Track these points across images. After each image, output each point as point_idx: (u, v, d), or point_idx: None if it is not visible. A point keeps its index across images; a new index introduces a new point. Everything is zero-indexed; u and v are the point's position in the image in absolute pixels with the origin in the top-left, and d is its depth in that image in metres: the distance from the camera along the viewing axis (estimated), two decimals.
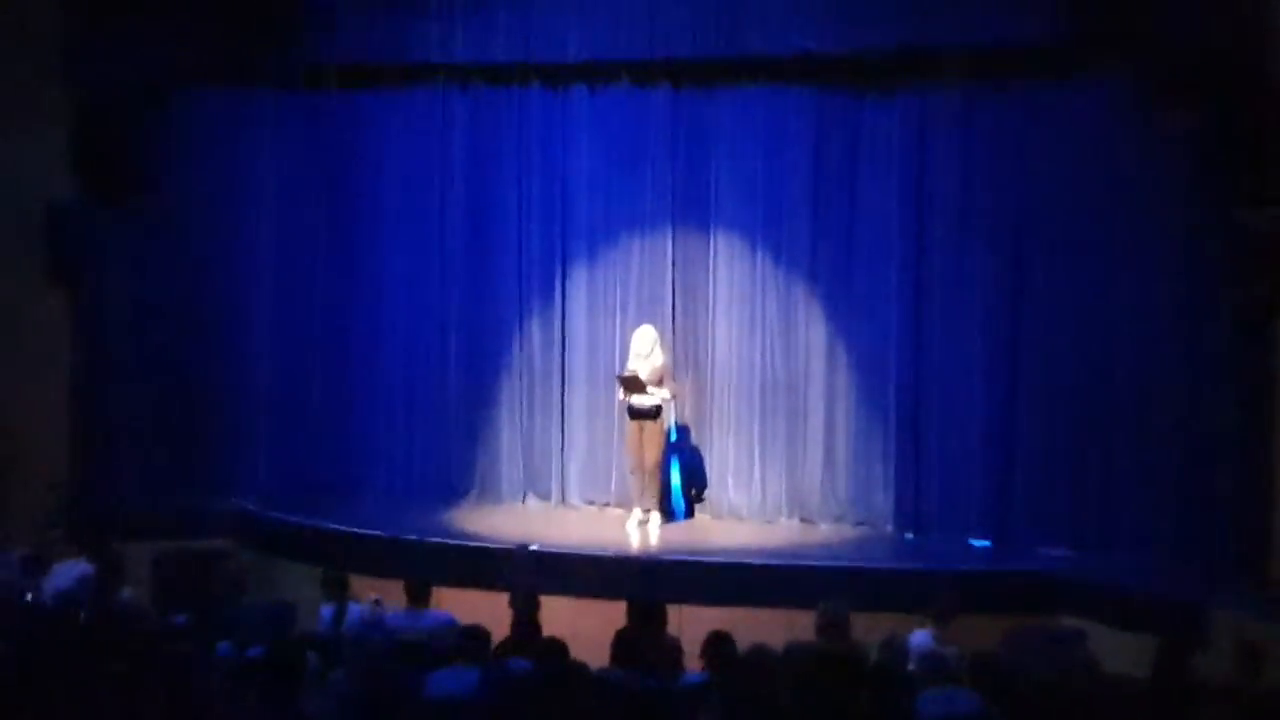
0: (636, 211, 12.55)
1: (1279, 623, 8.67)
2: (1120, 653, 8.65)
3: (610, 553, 10.95)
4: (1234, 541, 9.53)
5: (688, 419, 12.35)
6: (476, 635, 6.99)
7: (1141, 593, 9.69)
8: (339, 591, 8.53)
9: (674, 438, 12.07)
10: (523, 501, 12.77)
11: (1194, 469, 9.92)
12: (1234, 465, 9.58)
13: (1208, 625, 8.88)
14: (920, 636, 7.99)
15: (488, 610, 8.33)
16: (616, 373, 11.95)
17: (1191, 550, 9.80)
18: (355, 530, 11.37)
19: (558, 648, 6.49)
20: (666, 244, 12.48)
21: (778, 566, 10.69)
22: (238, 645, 6.93)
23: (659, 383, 11.67)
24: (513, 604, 8.22)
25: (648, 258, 12.54)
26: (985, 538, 11.37)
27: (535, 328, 12.80)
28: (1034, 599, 10.03)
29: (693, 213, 12.44)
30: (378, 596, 8.65)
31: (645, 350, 11.74)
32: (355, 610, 8.41)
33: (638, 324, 12.05)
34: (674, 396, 11.88)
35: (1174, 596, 9.43)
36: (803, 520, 12.14)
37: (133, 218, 12.51)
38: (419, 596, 8.48)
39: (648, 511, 11.76)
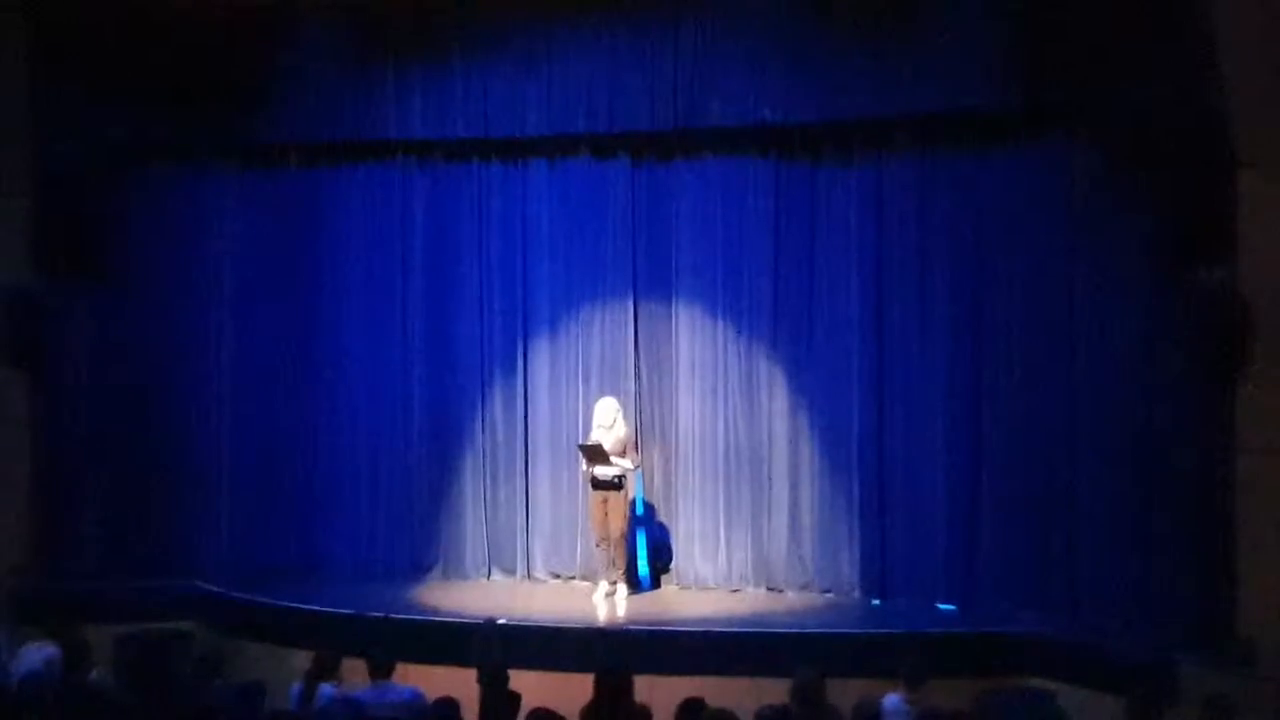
0: (597, 283, 12.60)
1: (1248, 679, 8.71)
2: (1091, 713, 8.66)
3: (577, 624, 10.90)
4: (1201, 600, 9.56)
5: (653, 488, 12.33)
6: (449, 706, 6.93)
7: (1110, 652, 9.70)
8: (329, 673, 8.41)
9: (640, 510, 12.05)
10: (487, 576, 12.70)
11: (1158, 528, 9.95)
12: (1199, 524, 9.61)
13: (1177, 682, 8.90)
14: (892, 700, 8.00)
15: (454, 686, 8.24)
16: (578, 443, 11.95)
17: (1158, 609, 9.82)
18: (319, 609, 11.26)
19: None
20: (628, 315, 12.52)
21: (746, 634, 10.69)
22: None
23: (621, 453, 11.66)
24: (480, 679, 8.17)
25: (609, 329, 12.57)
26: (951, 602, 11.39)
27: (497, 401, 12.79)
28: (1003, 661, 10.05)
29: (654, 283, 12.49)
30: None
31: (607, 422, 11.75)
32: (326, 690, 8.32)
33: (600, 395, 12.07)
34: (637, 467, 11.88)
35: (1142, 655, 9.43)
36: (769, 588, 12.12)
37: (91, 297, 12.47)
38: (382, 670, 8.40)
39: (614, 583, 11.73)
